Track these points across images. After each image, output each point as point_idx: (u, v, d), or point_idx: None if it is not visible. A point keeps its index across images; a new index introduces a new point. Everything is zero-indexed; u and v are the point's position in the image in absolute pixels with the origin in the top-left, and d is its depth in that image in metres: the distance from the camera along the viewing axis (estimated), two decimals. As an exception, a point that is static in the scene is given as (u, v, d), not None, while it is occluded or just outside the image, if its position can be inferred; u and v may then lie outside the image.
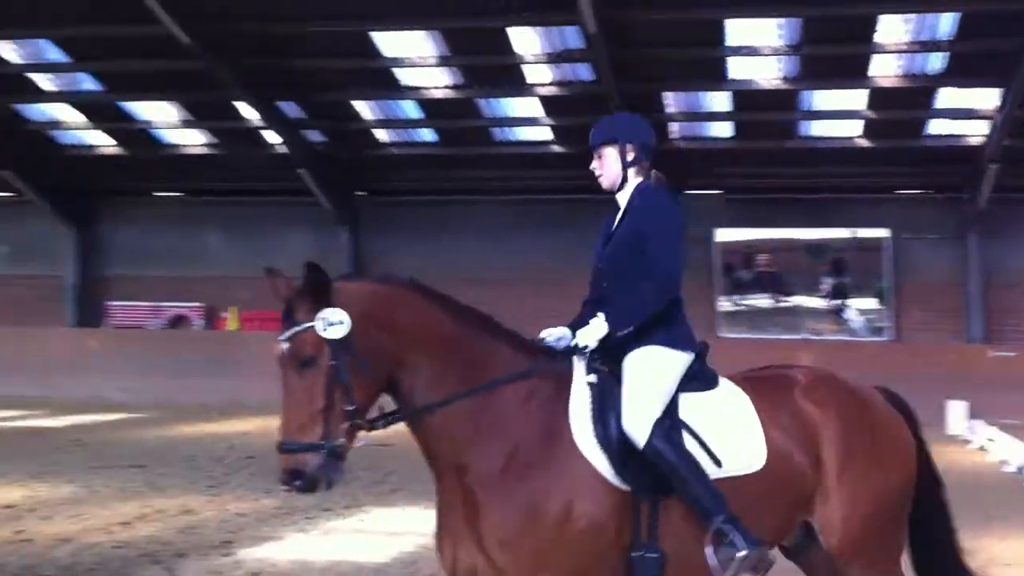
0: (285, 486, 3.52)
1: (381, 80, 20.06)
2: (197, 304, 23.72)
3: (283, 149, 21.75)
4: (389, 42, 19.01)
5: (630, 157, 4.13)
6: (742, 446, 3.94)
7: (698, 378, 4.06)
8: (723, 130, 21.48)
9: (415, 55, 19.24)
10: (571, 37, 18.03)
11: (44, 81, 20.89)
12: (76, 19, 18.03)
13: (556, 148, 21.62)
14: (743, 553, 3.66)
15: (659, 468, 3.72)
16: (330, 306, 3.56)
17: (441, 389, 3.67)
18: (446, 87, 20.13)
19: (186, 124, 22.23)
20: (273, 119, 20.86)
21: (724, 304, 22.28)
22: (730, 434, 3.94)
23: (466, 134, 21.66)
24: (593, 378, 3.84)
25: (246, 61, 19.15)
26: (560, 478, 3.67)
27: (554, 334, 4.04)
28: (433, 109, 21.04)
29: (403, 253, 22.21)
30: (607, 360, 3.91)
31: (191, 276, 23.38)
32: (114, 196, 24.23)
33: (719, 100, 20.20)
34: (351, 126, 21.83)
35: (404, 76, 20.03)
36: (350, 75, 19.97)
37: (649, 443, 3.72)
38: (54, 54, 19.84)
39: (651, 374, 3.91)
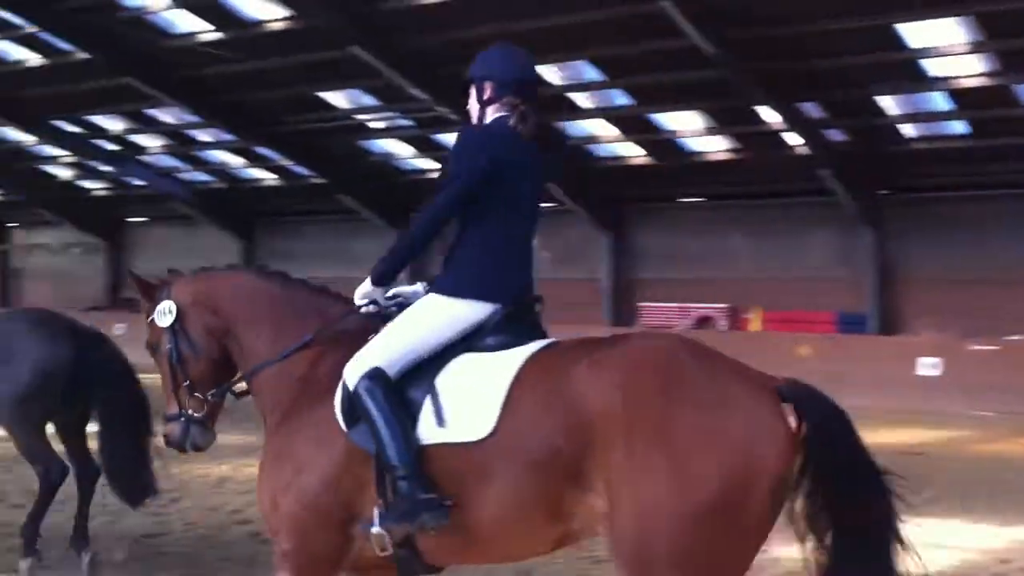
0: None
1: (907, 73, 19.28)
2: (722, 305, 24.39)
3: (804, 150, 21.67)
4: (916, 33, 18.24)
5: (486, 95, 3.88)
6: (474, 411, 3.45)
7: (501, 334, 3.64)
8: None
9: (944, 43, 18.26)
10: None
11: (582, 99, 22.70)
12: (610, 39, 19.41)
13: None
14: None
15: (361, 415, 3.52)
16: (164, 300, 4.13)
17: (257, 358, 3.96)
18: (979, 75, 18.85)
19: (709, 131, 22.98)
20: (795, 121, 20.88)
21: None
22: (472, 397, 3.48)
23: (1002, 124, 20.08)
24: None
25: (768, 65, 19.39)
26: (309, 428, 3.68)
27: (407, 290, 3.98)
28: (964, 99, 19.78)
29: (931, 253, 21.14)
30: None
31: (716, 278, 24.11)
32: (643, 203, 25.72)
33: None
34: (874, 122, 21.20)
35: (932, 67, 19.08)
36: (873, 70, 19.41)
37: (354, 388, 3.55)
38: (591, 73, 21.51)
39: (402, 322, 3.71)
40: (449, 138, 25.35)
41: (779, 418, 3.27)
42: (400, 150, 26.72)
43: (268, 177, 29.89)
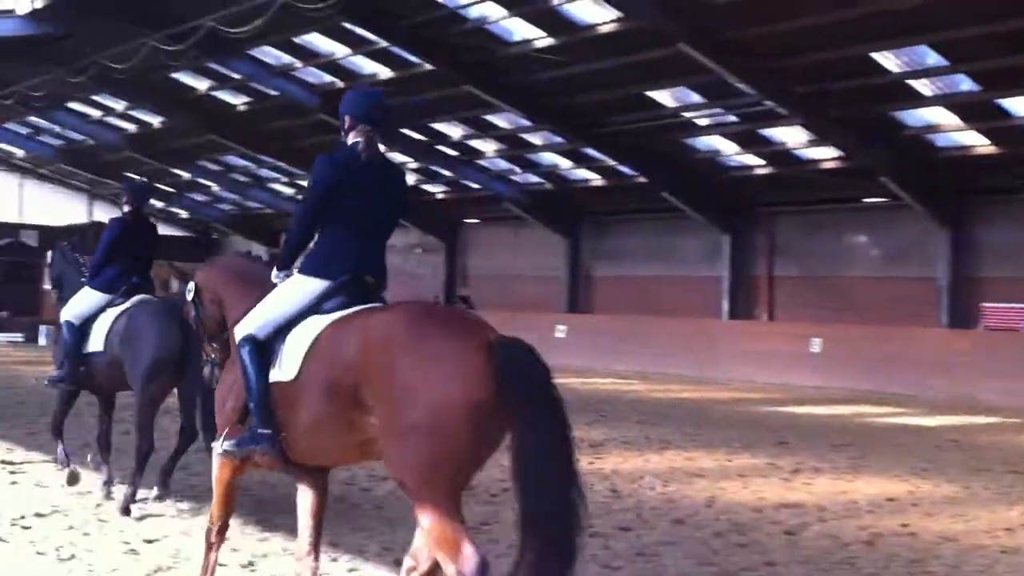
0: None
1: None
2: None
3: None
4: None
5: (346, 126, 5.22)
6: (292, 358, 4.75)
7: (336, 301, 4.90)
8: None
9: None
10: None
11: (921, 86, 21.41)
12: (953, 21, 18.18)
13: None
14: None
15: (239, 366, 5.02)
16: (190, 282, 5.86)
17: (233, 318, 5.39)
18: None
19: (1066, 117, 20.98)
20: None
21: None
22: (295, 348, 4.77)
23: None
24: None
25: None
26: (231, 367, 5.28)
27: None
28: None
29: None
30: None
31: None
32: (988, 195, 23.89)
33: None
34: None
35: None
36: None
37: (238, 346, 5.03)
38: (932, 58, 20.24)
39: (271, 295, 5.14)
40: (776, 133, 24.83)
41: (475, 363, 4.16)
42: (725, 147, 26.40)
43: (594, 177, 30.50)
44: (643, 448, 12.69)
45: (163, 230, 40.64)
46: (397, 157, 32.31)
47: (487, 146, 30.27)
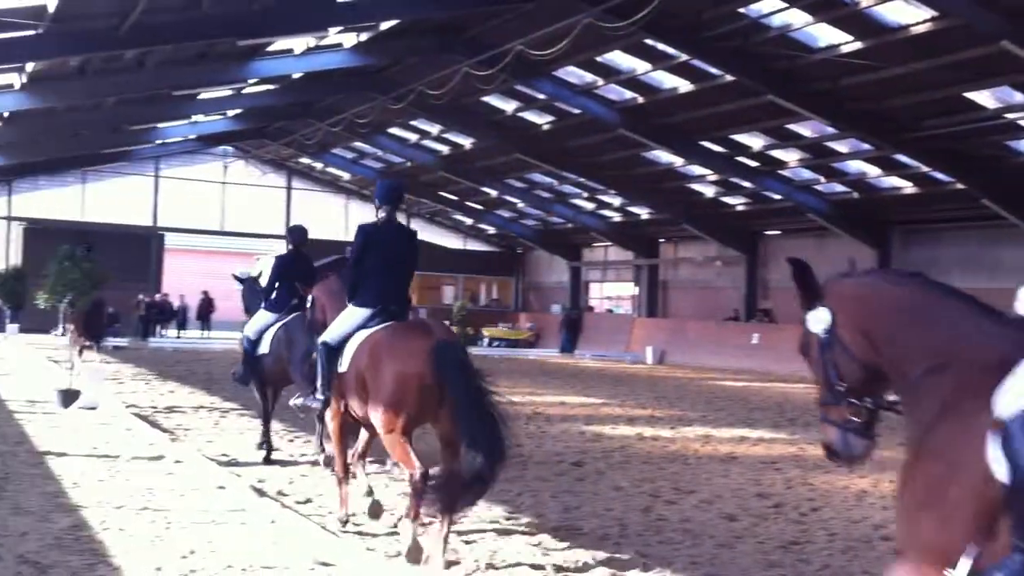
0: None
1: None
2: None
3: None
4: None
5: (376, 205, 7.70)
6: (346, 358, 7.31)
7: (376, 320, 7.37)
8: None
9: None
10: None
11: None
12: None
13: None
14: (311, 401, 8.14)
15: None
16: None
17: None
18: None
19: None
20: None
21: None
22: (348, 351, 7.32)
23: None
24: None
25: None
26: None
27: None
28: None
29: None
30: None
31: None
32: None
33: None
34: None
35: None
36: None
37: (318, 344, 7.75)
38: None
39: (337, 318, 7.69)
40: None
41: (420, 354, 6.72)
42: (1054, 150, 24.39)
43: (905, 185, 29.04)
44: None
45: (471, 246, 42.79)
46: (695, 170, 32.33)
47: (789, 156, 29.57)
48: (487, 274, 50.83)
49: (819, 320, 4.05)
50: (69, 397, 14.51)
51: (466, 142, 35.96)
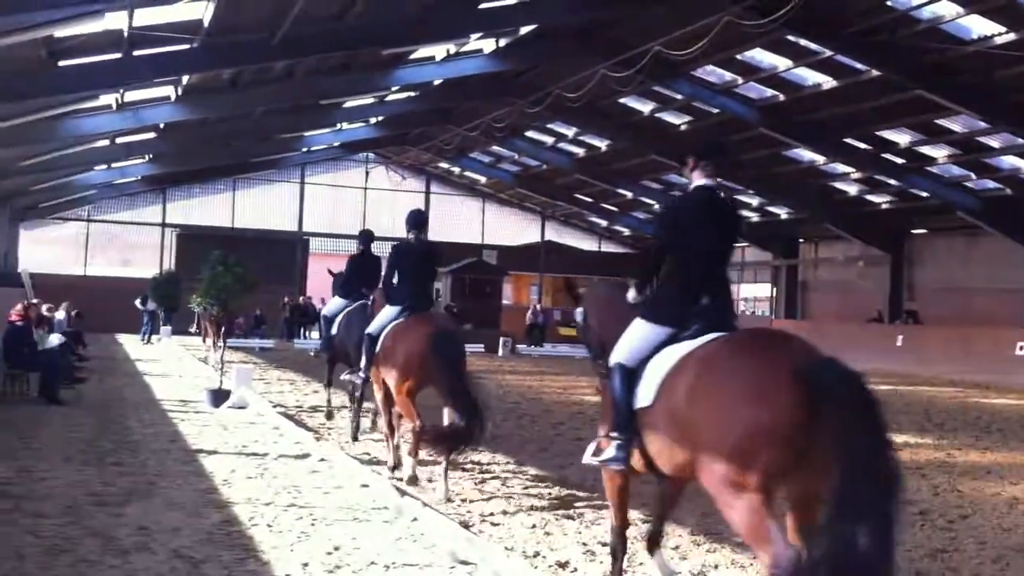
0: None
1: None
2: None
3: None
4: None
5: (406, 230, 10.00)
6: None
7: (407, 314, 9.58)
8: None
9: None
10: None
11: None
12: None
13: None
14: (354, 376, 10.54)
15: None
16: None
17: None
18: None
19: None
20: None
21: None
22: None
23: None
24: None
25: None
26: None
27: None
28: None
29: None
30: None
31: None
32: None
33: None
34: None
35: None
36: None
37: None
38: None
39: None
40: None
41: (423, 339, 9.07)
42: None
43: (1065, 181, 27.69)
44: None
45: (606, 247, 42.62)
46: (838, 167, 31.54)
47: (938, 152, 28.54)
48: (622, 276, 50.50)
49: (579, 315, 6.73)
50: (219, 397, 15.12)
51: (602, 144, 35.92)
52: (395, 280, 9.97)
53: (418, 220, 10.11)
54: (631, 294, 6.03)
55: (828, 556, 4.18)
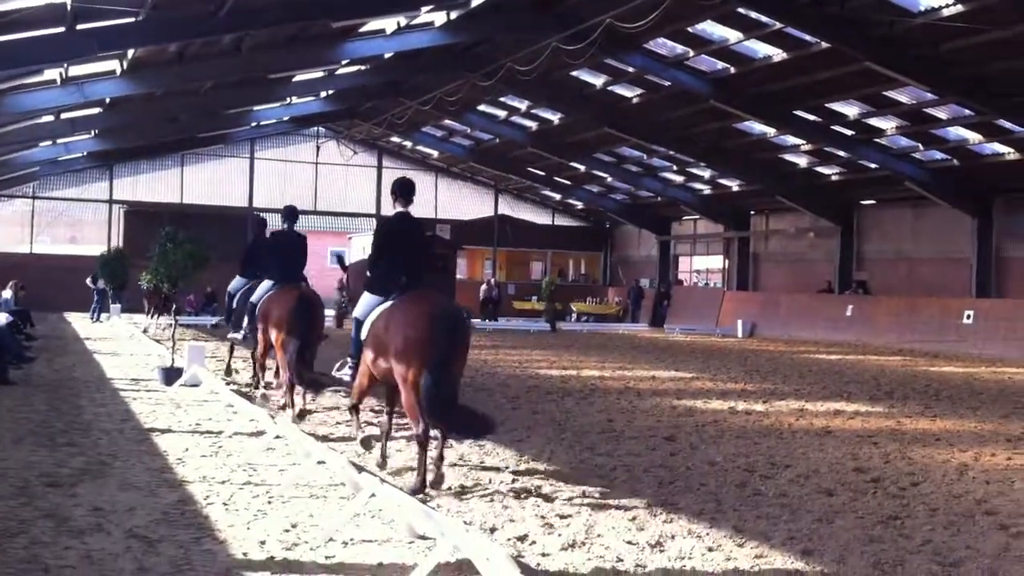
0: None
1: None
2: None
3: None
4: None
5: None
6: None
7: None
8: None
9: None
10: None
11: None
12: None
13: None
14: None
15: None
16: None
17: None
18: None
19: None
20: None
21: None
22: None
23: None
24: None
25: None
26: None
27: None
28: None
29: None
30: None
31: None
32: None
33: None
34: None
35: None
36: None
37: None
38: None
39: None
40: None
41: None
42: None
43: (1008, 151, 28.10)
44: (1072, 447, 11.64)
45: (560, 221, 42.85)
46: (788, 140, 31.80)
47: (886, 123, 28.84)
48: (575, 249, 50.76)
49: (344, 280, 11.73)
50: (172, 375, 14.96)
51: (555, 117, 35.86)
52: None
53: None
54: (367, 274, 9.18)
55: (429, 398, 7.81)
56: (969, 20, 20.46)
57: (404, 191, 9.06)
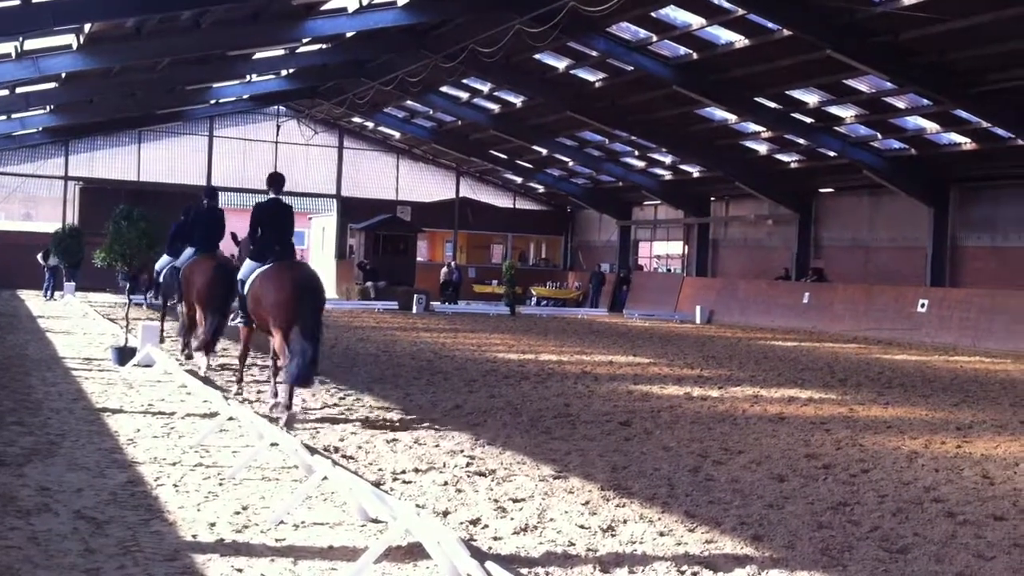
0: None
1: None
2: None
3: None
4: None
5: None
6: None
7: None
8: None
9: None
10: None
11: None
12: None
13: None
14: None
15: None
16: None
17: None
18: None
19: None
20: None
21: None
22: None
23: None
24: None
25: None
26: None
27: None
28: None
29: None
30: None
31: None
32: None
33: None
34: None
35: None
36: None
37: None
38: None
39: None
40: None
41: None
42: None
43: (964, 141, 28.43)
44: (1018, 433, 11.82)
45: (521, 204, 42.77)
46: (749, 126, 31.94)
47: (846, 112, 29.06)
48: (536, 233, 50.76)
49: (236, 251, 13.08)
50: (125, 355, 14.78)
51: (517, 100, 35.76)
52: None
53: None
54: (249, 245, 11.40)
55: (295, 352, 10.10)
56: (929, 10, 20.64)
57: (276, 183, 11.52)
